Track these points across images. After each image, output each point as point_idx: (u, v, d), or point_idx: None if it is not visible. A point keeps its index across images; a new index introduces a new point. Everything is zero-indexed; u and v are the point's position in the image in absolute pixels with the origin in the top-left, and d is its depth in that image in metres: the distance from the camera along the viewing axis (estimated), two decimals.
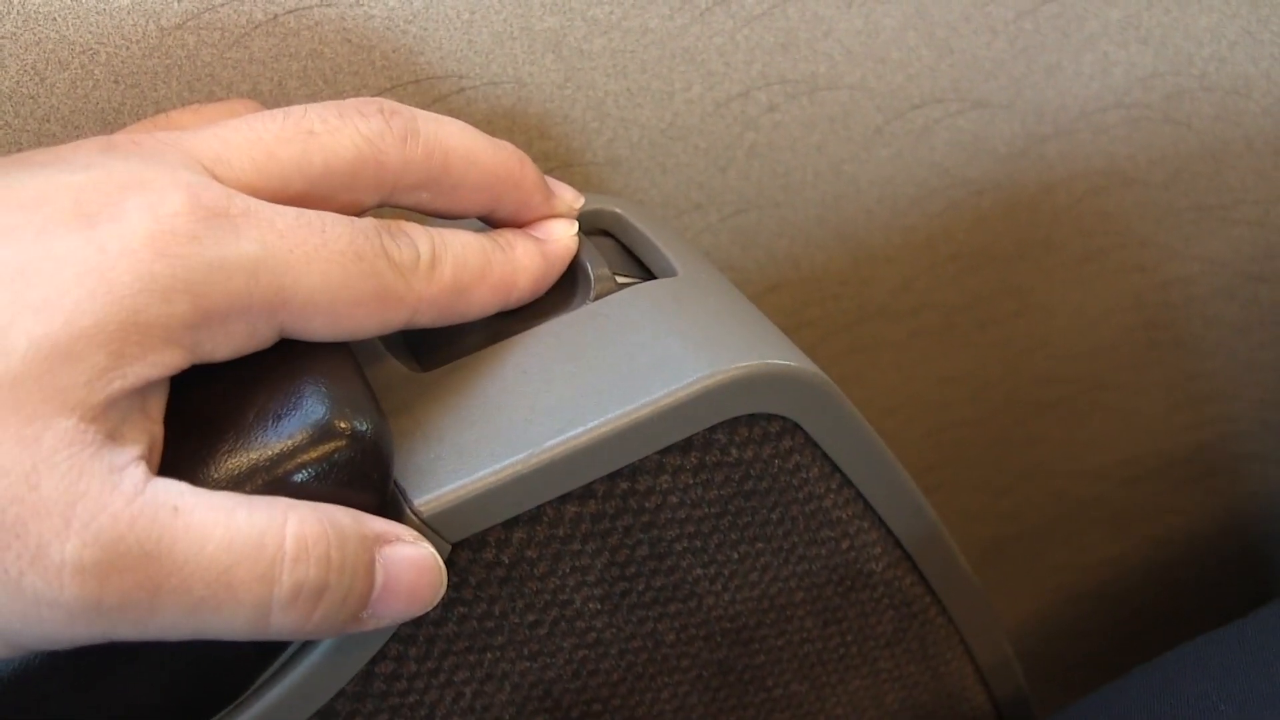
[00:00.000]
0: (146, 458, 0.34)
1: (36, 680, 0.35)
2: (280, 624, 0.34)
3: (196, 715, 0.38)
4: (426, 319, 0.39)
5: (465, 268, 0.40)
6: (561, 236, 0.43)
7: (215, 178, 0.36)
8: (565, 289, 0.43)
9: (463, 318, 0.40)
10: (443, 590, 0.37)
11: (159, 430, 0.35)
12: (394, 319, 0.38)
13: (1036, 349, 0.70)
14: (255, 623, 0.34)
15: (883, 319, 0.65)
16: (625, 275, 0.44)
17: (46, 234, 0.33)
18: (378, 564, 0.36)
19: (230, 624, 0.34)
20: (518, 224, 0.43)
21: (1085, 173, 0.64)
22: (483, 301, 0.41)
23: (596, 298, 0.42)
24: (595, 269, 0.43)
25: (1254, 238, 0.69)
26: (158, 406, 0.35)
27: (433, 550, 0.37)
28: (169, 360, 0.34)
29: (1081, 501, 0.78)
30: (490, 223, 0.43)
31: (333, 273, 0.36)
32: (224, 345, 0.35)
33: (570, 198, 0.44)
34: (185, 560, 0.32)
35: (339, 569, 0.35)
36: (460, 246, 0.40)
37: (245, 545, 0.33)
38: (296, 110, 0.39)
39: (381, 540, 0.36)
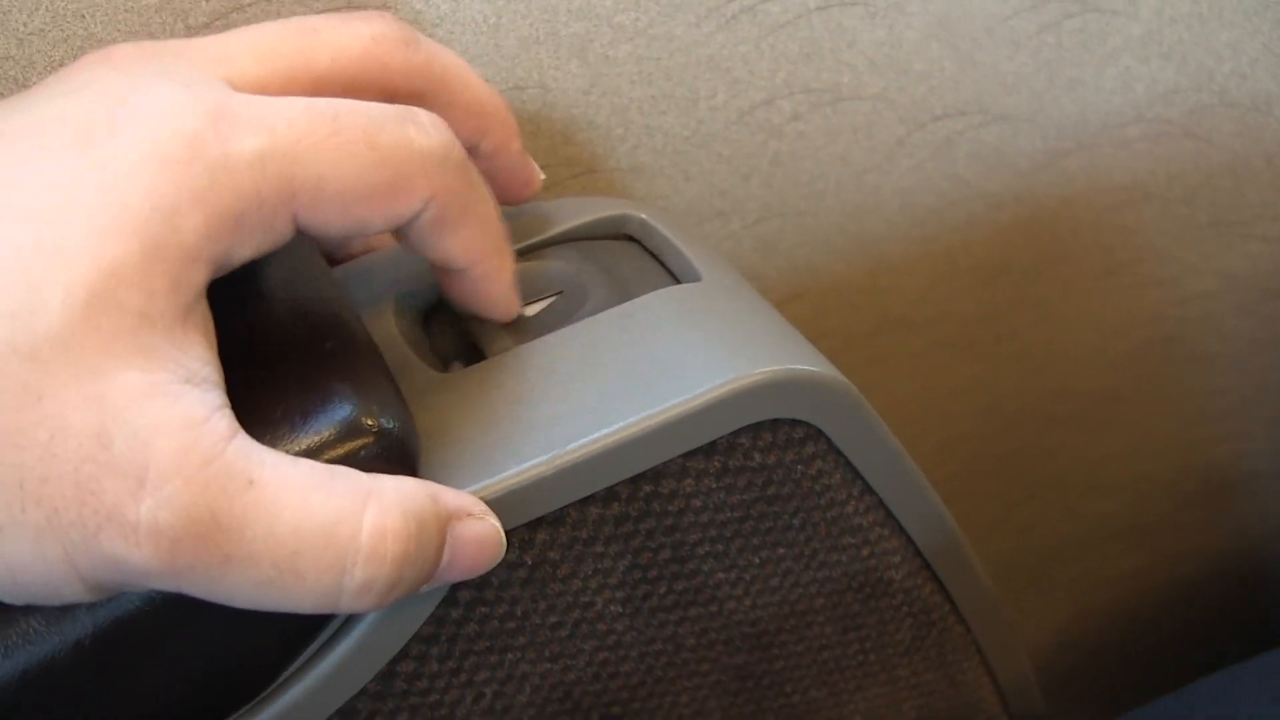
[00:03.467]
0: (225, 398, 0.33)
1: (58, 675, 0.35)
2: (348, 606, 0.34)
3: (218, 712, 0.38)
4: (429, 220, 0.37)
5: (480, 194, 0.39)
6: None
7: (220, 79, 0.35)
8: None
9: (442, 254, 0.39)
10: (500, 558, 0.37)
11: (218, 359, 0.34)
12: (404, 210, 0.36)
13: (1053, 362, 0.70)
14: (321, 604, 0.33)
15: (901, 330, 0.66)
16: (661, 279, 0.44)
17: (51, 168, 0.32)
18: (447, 543, 0.35)
19: (296, 602, 0.33)
20: (495, 166, 0.43)
21: (1106, 187, 0.64)
22: (471, 248, 0.39)
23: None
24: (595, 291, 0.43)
25: (1273, 254, 0.69)
26: (210, 330, 0.34)
27: (497, 524, 0.37)
28: (198, 277, 0.33)
29: (1096, 516, 0.78)
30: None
31: (343, 163, 0.34)
32: (243, 247, 0.34)
33: (537, 168, 0.45)
34: (254, 538, 0.32)
35: (414, 561, 0.34)
36: (480, 181, 0.39)
37: (316, 533, 0.33)
38: (299, 16, 0.39)
39: (454, 517, 0.36)
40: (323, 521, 0.33)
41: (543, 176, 0.45)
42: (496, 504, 0.37)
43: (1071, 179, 0.63)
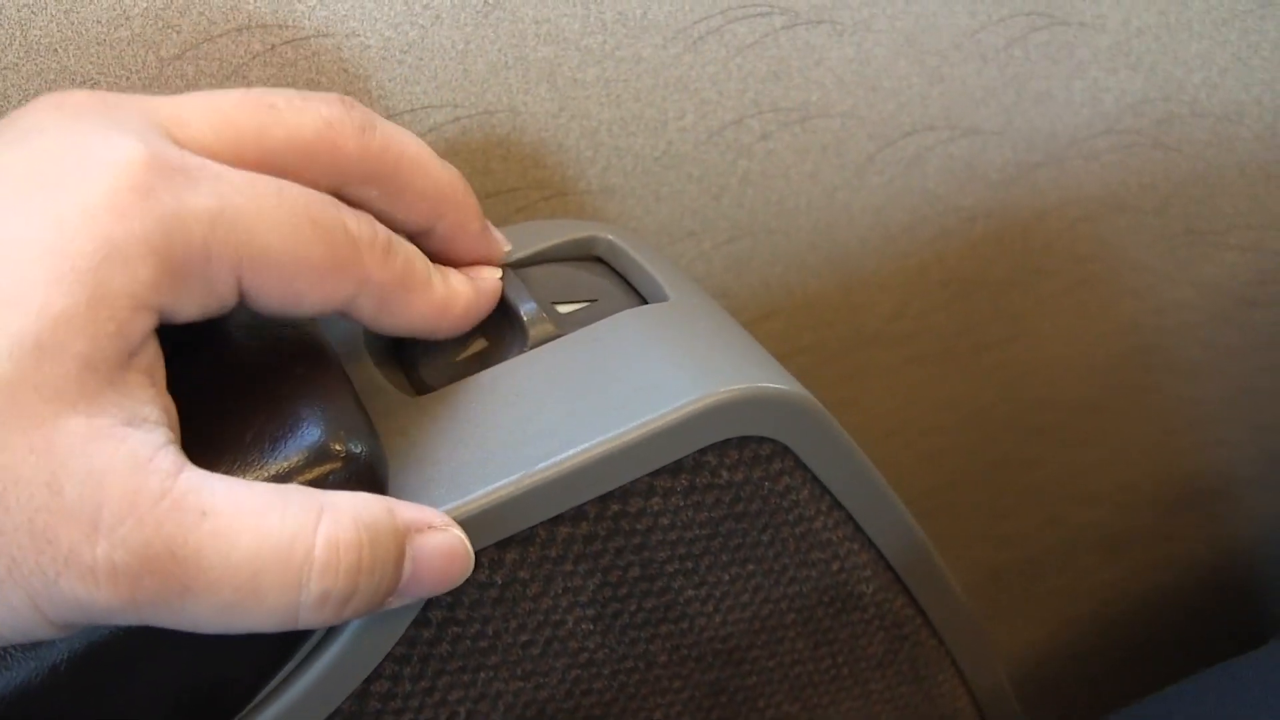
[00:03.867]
0: (170, 434, 0.33)
1: (35, 700, 0.35)
2: (307, 621, 0.34)
3: None
4: (368, 304, 0.38)
5: (414, 268, 0.39)
6: (490, 277, 0.43)
7: (171, 138, 0.36)
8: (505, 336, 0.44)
9: (395, 322, 0.40)
10: (470, 569, 0.37)
11: (166, 397, 0.34)
12: (339, 292, 0.37)
13: (1031, 374, 0.71)
14: (283, 622, 0.34)
15: (877, 345, 0.66)
16: (565, 303, 0.44)
17: (3, 214, 0.32)
18: (408, 555, 0.36)
19: (258, 623, 0.34)
20: (454, 248, 0.43)
21: (1077, 199, 0.64)
22: (420, 312, 0.40)
23: (533, 343, 0.43)
24: (528, 316, 0.43)
25: (1248, 263, 0.69)
26: (158, 370, 0.34)
27: (460, 534, 0.37)
28: (143, 325, 0.33)
29: (1078, 527, 0.79)
30: (427, 242, 0.43)
31: (286, 232, 0.35)
32: (189, 303, 0.34)
33: (502, 240, 0.44)
34: (211, 566, 0.32)
35: (369, 571, 0.35)
36: (413, 249, 0.40)
37: (273, 552, 0.33)
38: (258, 89, 0.39)
39: (412, 529, 0.36)
40: (278, 542, 0.33)
41: (508, 248, 0.44)
42: (466, 524, 0.37)
43: (1043, 192, 0.64)
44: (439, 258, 0.42)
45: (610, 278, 0.46)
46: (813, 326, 0.64)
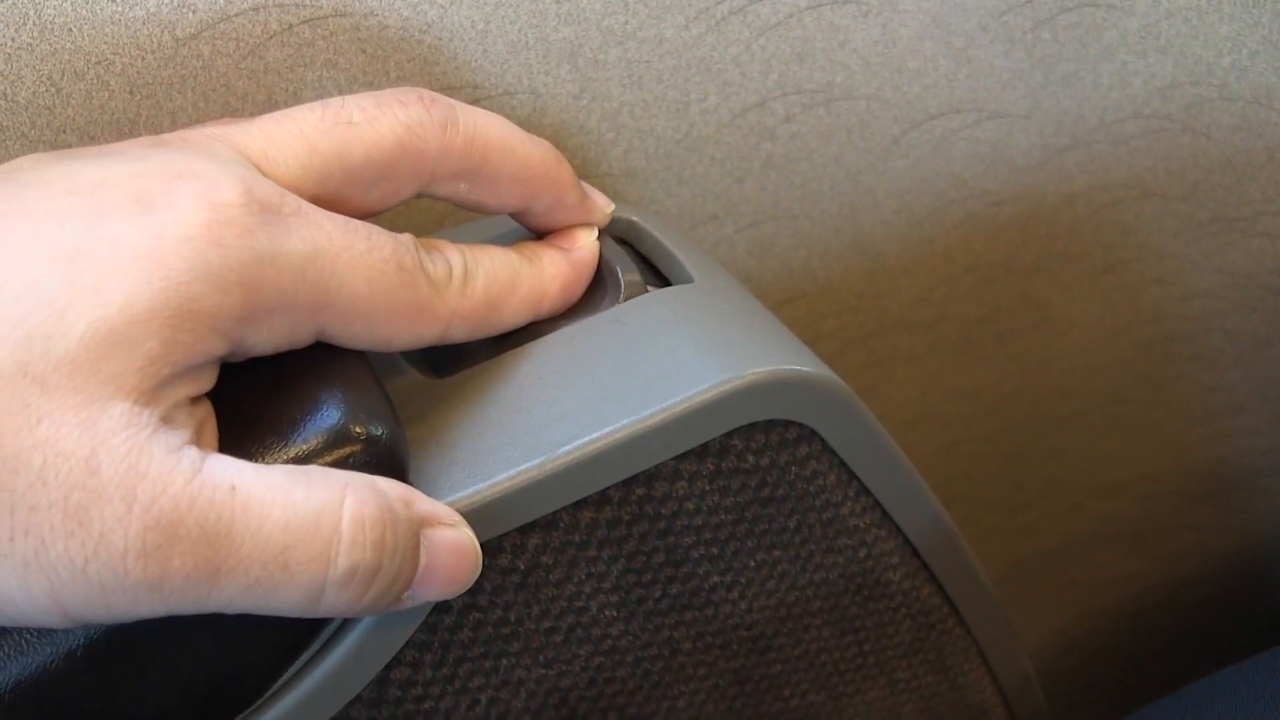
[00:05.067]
0: (197, 440, 0.34)
1: (51, 686, 0.35)
2: (331, 603, 0.34)
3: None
4: (460, 334, 0.39)
5: (496, 282, 0.40)
6: (586, 244, 0.44)
7: (262, 173, 0.37)
8: (595, 293, 0.43)
9: (495, 330, 0.41)
10: (478, 573, 0.37)
11: (209, 413, 0.35)
12: (427, 333, 0.39)
13: (1054, 362, 0.70)
14: (309, 601, 0.34)
15: (900, 331, 0.65)
16: (652, 282, 0.44)
17: (103, 218, 0.33)
18: (422, 546, 0.36)
19: (285, 602, 0.34)
20: (552, 222, 0.44)
21: (1104, 184, 0.64)
22: (515, 313, 0.41)
23: (627, 299, 0.42)
24: (625, 274, 0.43)
25: (1275, 250, 0.69)
26: (207, 389, 0.35)
27: (471, 534, 0.37)
28: (215, 349, 0.34)
29: (1099, 517, 0.78)
30: (524, 220, 0.44)
31: (375, 280, 0.36)
32: (266, 340, 0.35)
33: (602, 202, 0.45)
34: (243, 540, 0.33)
35: (391, 552, 0.35)
36: (490, 262, 0.41)
37: (302, 525, 0.33)
38: (335, 102, 0.39)
39: (426, 523, 0.36)
40: (307, 514, 0.33)
41: (610, 207, 0.45)
42: (488, 509, 0.37)
43: (1070, 176, 0.63)
44: (540, 231, 0.44)
45: (634, 260, 0.46)
46: (835, 312, 0.63)
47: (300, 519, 0.33)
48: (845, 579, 0.45)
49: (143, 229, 0.33)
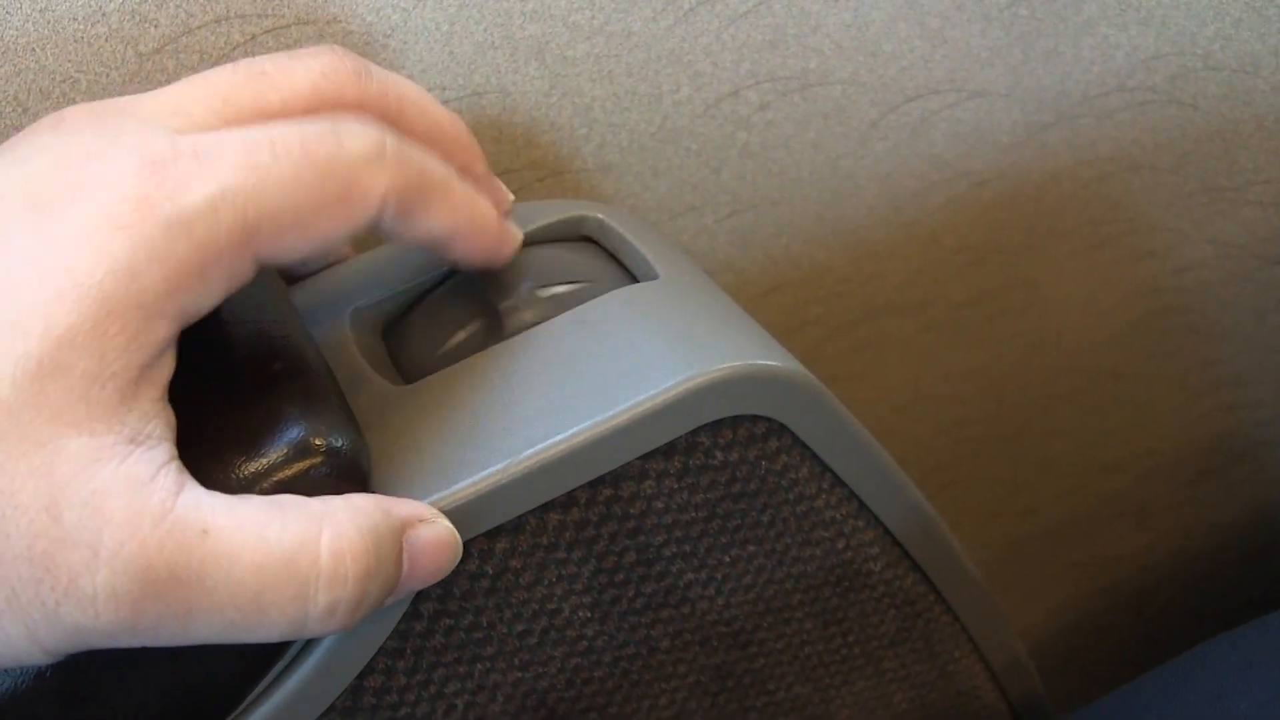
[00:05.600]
0: (173, 449, 0.33)
1: (21, 705, 0.35)
2: (315, 631, 0.34)
3: None
4: (391, 218, 0.37)
5: (431, 170, 0.38)
6: (506, 199, 0.43)
7: (175, 130, 0.35)
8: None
9: (428, 230, 0.38)
10: (458, 559, 0.37)
11: (169, 409, 0.34)
12: (361, 216, 0.36)
13: (1048, 341, 0.69)
14: (290, 633, 0.34)
15: (889, 316, 0.65)
16: (551, 286, 0.44)
17: (3, 242, 0.32)
18: (404, 552, 0.35)
19: (266, 636, 0.34)
20: None
21: (1090, 159, 0.63)
22: (451, 219, 0.39)
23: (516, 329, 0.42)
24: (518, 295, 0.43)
25: (1268, 218, 0.68)
26: (164, 383, 0.34)
27: (448, 524, 0.37)
28: (155, 336, 0.33)
29: (1100, 496, 0.77)
30: None
31: (292, 187, 0.34)
32: (208, 296, 0.34)
33: (504, 189, 0.44)
34: (215, 585, 0.32)
35: (375, 575, 0.34)
36: (425, 154, 0.38)
37: (276, 567, 0.33)
38: (248, 59, 0.38)
39: (407, 525, 0.36)
40: (281, 555, 0.33)
41: (511, 197, 0.44)
42: (453, 515, 0.37)
43: (1054, 153, 0.62)
44: None
45: (600, 258, 0.45)
46: (821, 299, 0.63)
47: (275, 561, 0.33)
48: (824, 571, 0.44)
49: (43, 238, 0.32)
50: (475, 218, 0.40)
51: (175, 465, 0.33)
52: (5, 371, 0.31)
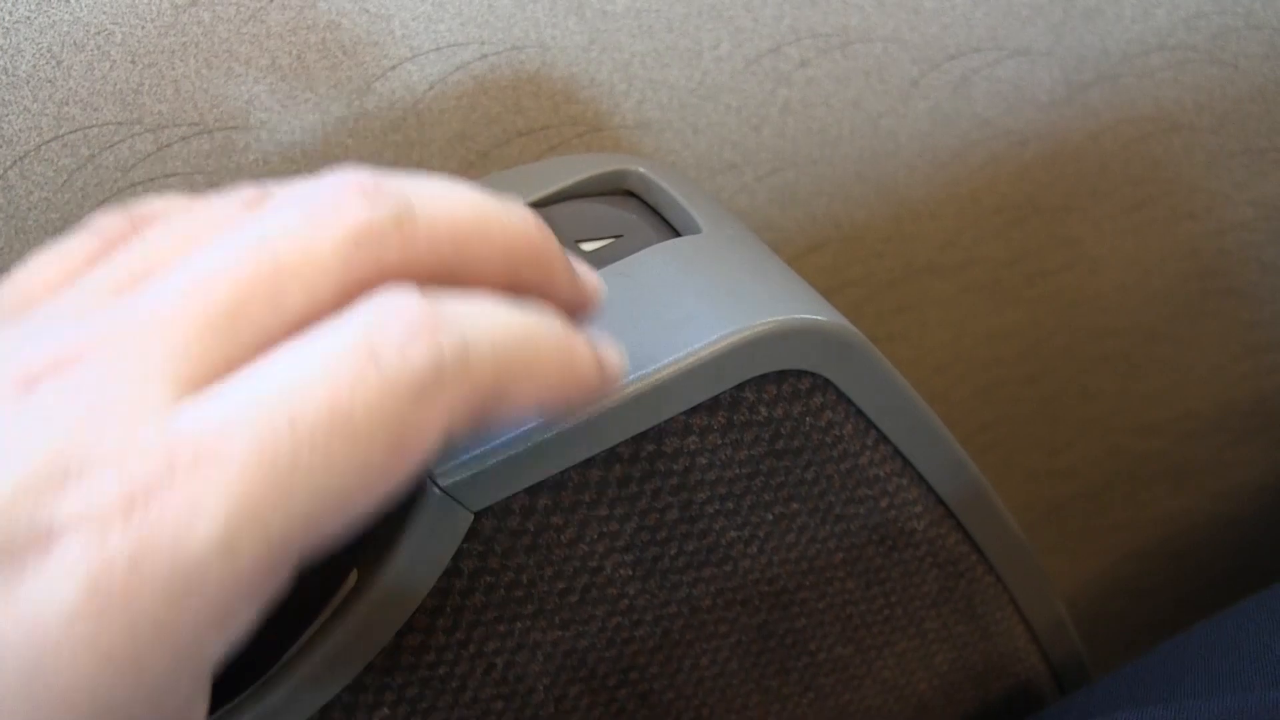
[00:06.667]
0: None
1: None
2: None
3: (225, 692, 0.38)
4: (461, 428, 0.29)
5: (505, 355, 0.29)
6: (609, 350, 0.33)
7: (183, 379, 0.27)
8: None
9: (504, 425, 0.33)
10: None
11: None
12: (419, 459, 0.28)
13: (1088, 302, 0.69)
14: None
15: (929, 275, 0.64)
16: (590, 240, 0.43)
17: None
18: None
19: None
20: (544, 295, 0.33)
21: (1131, 119, 0.62)
22: (529, 403, 0.31)
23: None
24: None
25: None
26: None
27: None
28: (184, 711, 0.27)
29: (1140, 457, 0.77)
30: None
31: (319, 476, 0.27)
32: (238, 631, 0.28)
33: (595, 279, 0.35)
34: None
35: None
36: (495, 325, 0.30)
37: None
38: (249, 225, 0.29)
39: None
40: None
41: (601, 286, 0.35)
42: (494, 471, 0.37)
43: (1095, 112, 0.62)
44: None
45: (641, 212, 0.45)
46: (861, 259, 0.62)
47: None
48: (868, 530, 0.44)
49: (7, 618, 0.25)
50: (566, 381, 0.31)
51: None
52: None
